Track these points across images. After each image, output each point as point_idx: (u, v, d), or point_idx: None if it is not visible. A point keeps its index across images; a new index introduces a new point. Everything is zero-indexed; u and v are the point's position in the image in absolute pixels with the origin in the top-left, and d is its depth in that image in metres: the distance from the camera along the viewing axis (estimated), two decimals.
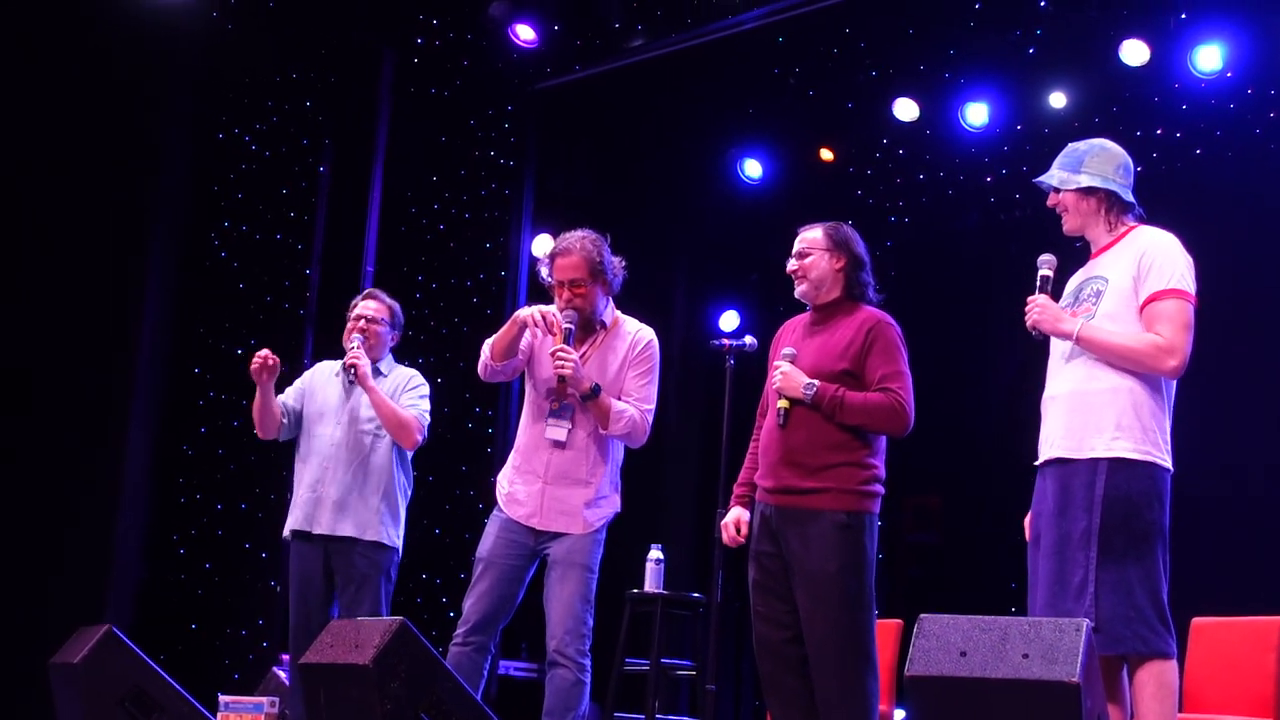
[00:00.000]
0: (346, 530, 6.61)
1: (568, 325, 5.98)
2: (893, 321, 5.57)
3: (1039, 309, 5.01)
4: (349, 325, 6.83)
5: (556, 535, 6.03)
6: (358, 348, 6.67)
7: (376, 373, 6.75)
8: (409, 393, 6.79)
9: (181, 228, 9.50)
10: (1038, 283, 5.05)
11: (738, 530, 5.72)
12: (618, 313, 6.24)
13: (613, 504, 6.13)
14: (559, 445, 6.08)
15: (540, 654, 6.41)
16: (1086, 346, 4.89)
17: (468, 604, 6.02)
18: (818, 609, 5.32)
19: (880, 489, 5.51)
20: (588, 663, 5.93)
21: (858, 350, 5.47)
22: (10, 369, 9.03)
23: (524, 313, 6.01)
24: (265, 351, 6.61)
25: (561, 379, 5.88)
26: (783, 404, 5.49)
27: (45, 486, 8.94)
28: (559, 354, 5.88)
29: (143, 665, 6.15)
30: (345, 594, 6.59)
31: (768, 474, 5.55)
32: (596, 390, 5.97)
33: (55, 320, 9.07)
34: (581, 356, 6.03)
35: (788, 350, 5.59)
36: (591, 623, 5.99)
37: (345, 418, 6.75)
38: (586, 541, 6.02)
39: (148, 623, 8.87)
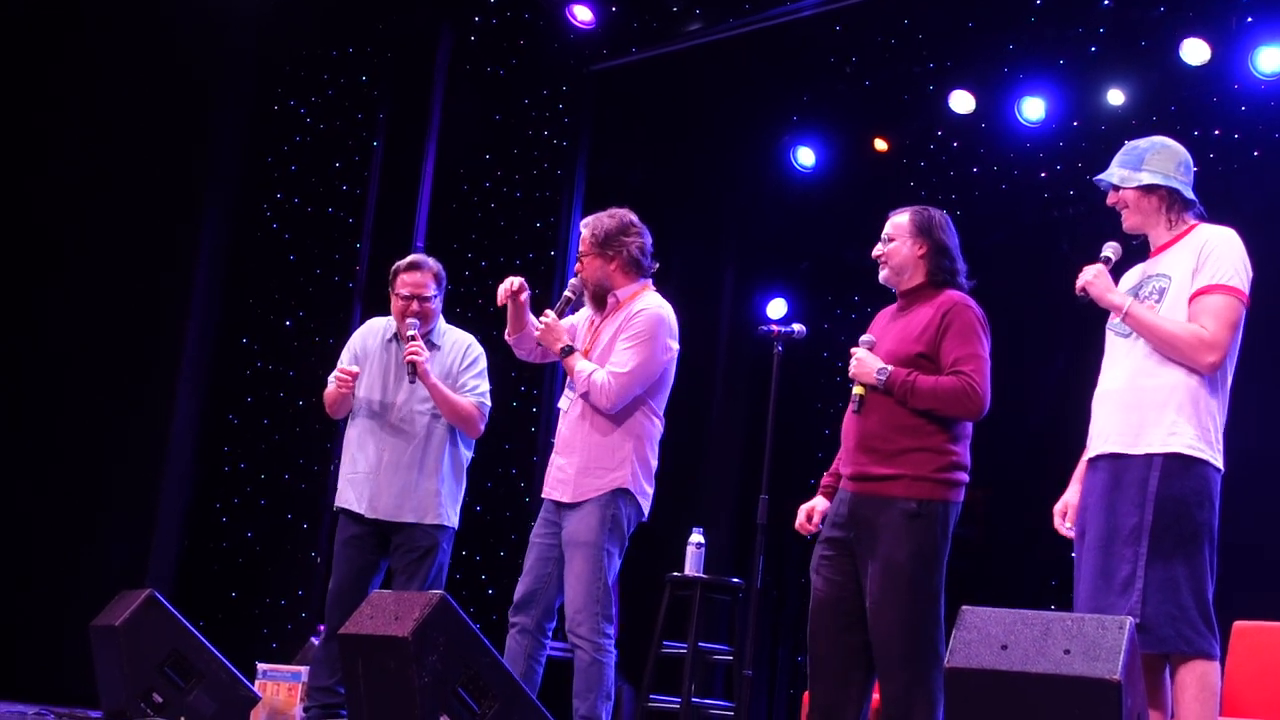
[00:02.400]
0: (406, 518, 6.60)
1: (567, 294, 6.16)
2: (973, 304, 5.50)
3: (1094, 273, 4.96)
4: (397, 303, 6.74)
5: (570, 508, 5.99)
6: (415, 337, 6.56)
7: (431, 345, 6.70)
8: (466, 372, 6.74)
9: (234, 199, 9.55)
10: (1099, 262, 5.02)
11: (809, 519, 5.69)
12: (642, 291, 6.21)
13: (619, 479, 5.98)
14: (566, 415, 6.15)
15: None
16: (1132, 324, 4.85)
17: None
18: (885, 599, 5.25)
19: (961, 475, 5.43)
20: (606, 642, 5.92)
21: (933, 333, 5.41)
22: (62, 336, 9.10)
23: (503, 285, 6.18)
24: (344, 373, 6.64)
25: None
26: (858, 390, 5.45)
27: (91, 452, 9.01)
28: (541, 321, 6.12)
29: (183, 630, 6.19)
30: (400, 575, 6.59)
31: (847, 461, 5.51)
32: (566, 351, 6.04)
33: (107, 288, 9.13)
34: (596, 329, 6.14)
35: (866, 337, 5.53)
36: (610, 601, 5.96)
37: (403, 398, 6.69)
38: (592, 519, 5.93)
39: (189, 589, 8.93)
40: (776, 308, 11.33)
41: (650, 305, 6.12)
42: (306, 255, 9.63)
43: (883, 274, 5.63)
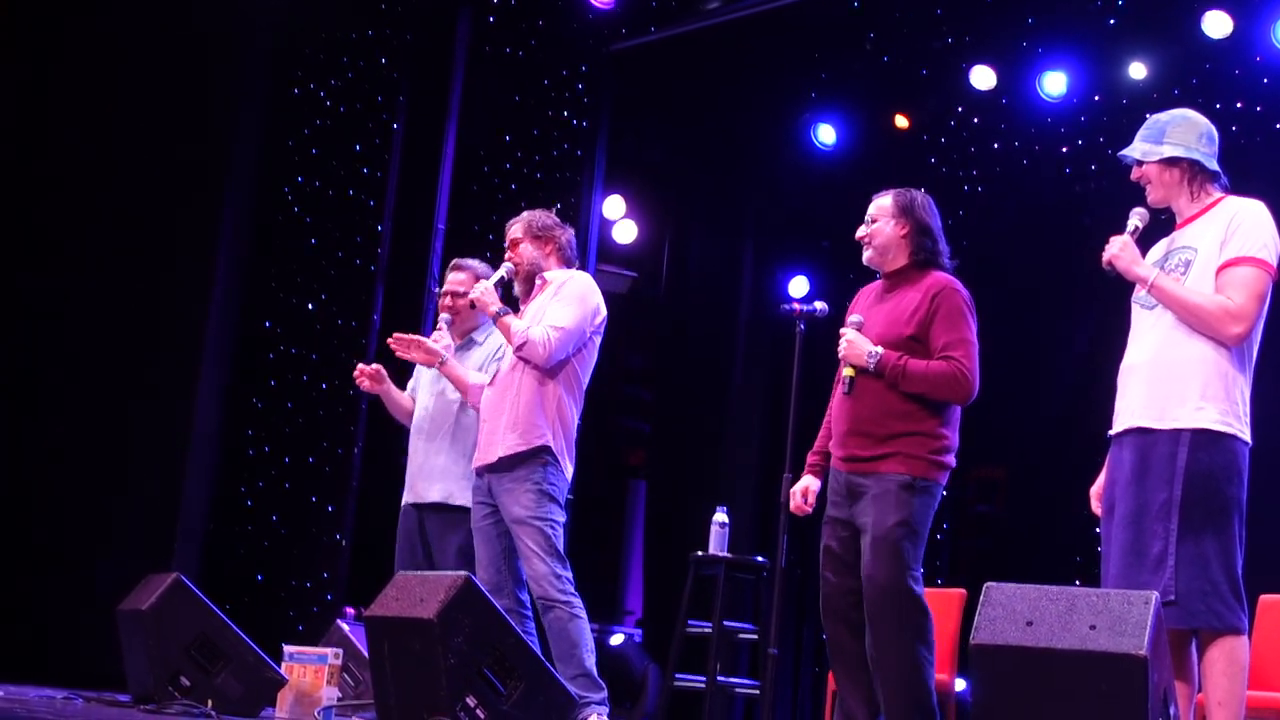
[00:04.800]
0: (434, 496, 6.69)
1: (501, 273, 6.47)
2: (960, 287, 5.56)
3: (1120, 245, 4.95)
4: (441, 302, 6.97)
5: (500, 481, 6.15)
6: (442, 329, 6.75)
7: (472, 342, 6.87)
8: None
9: (255, 183, 9.55)
10: (1127, 230, 5.00)
11: (805, 499, 5.77)
12: (568, 271, 6.47)
13: (542, 437, 6.14)
14: (490, 384, 6.38)
15: (600, 614, 6.44)
16: (1158, 296, 4.84)
17: None
18: (876, 563, 5.35)
19: (950, 460, 5.52)
20: (574, 598, 6.02)
21: (923, 316, 5.48)
22: (85, 322, 9.12)
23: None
24: (358, 371, 6.89)
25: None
26: (848, 372, 5.53)
27: (115, 438, 9.03)
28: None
29: (209, 614, 6.21)
30: (439, 557, 6.68)
31: (838, 443, 5.59)
32: (501, 313, 6.24)
33: (129, 274, 9.15)
34: (525, 304, 6.46)
35: (854, 318, 5.62)
36: (563, 559, 6.07)
37: (437, 388, 6.84)
38: (525, 496, 6.09)
39: (214, 573, 8.96)
40: (798, 286, 11.32)
41: (578, 275, 6.43)
42: (328, 238, 9.64)
43: (866, 255, 5.72)
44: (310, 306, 9.50)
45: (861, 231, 5.70)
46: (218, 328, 9.26)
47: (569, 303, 6.23)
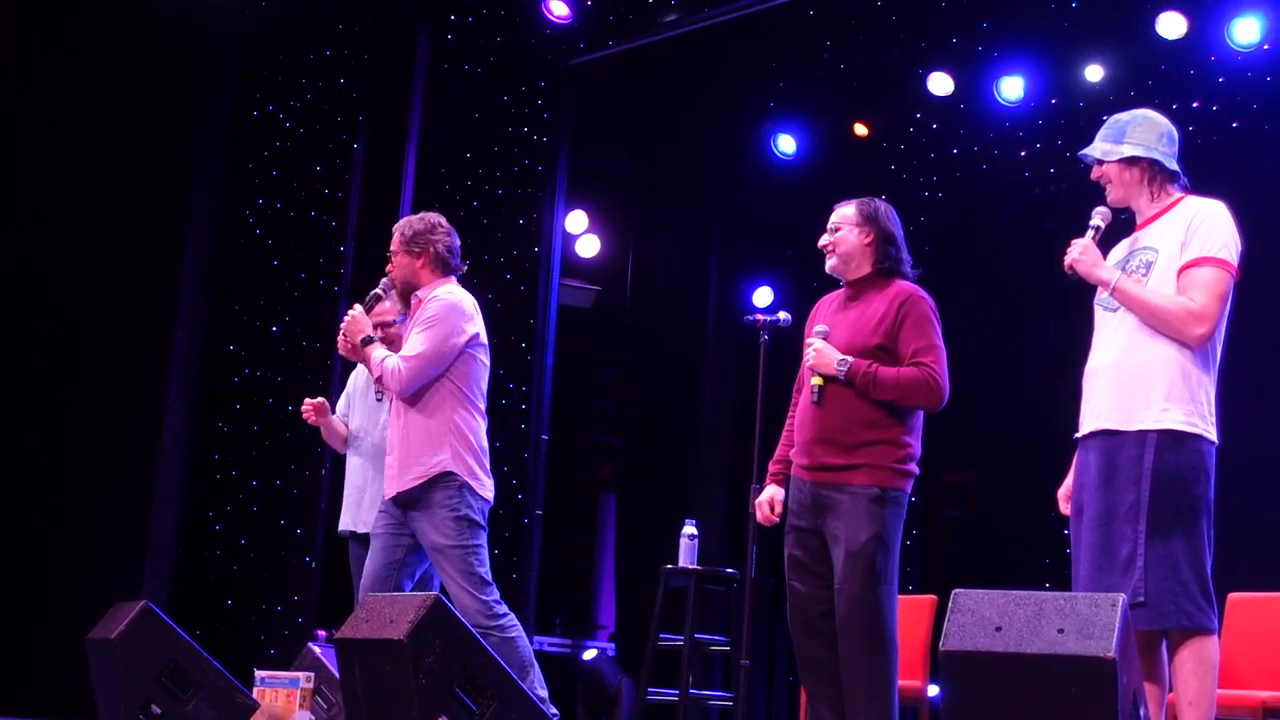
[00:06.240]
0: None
1: (377, 290, 6.34)
2: (925, 295, 5.58)
3: (1081, 249, 4.96)
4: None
5: (413, 509, 6.06)
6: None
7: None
8: None
9: (217, 205, 9.54)
10: (1089, 232, 5.02)
11: (771, 509, 5.76)
12: (445, 286, 6.26)
13: (441, 463, 6.03)
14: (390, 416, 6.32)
15: (572, 629, 6.43)
16: (1119, 299, 4.85)
17: None
18: (849, 577, 5.36)
19: (915, 469, 5.53)
20: (506, 618, 5.96)
21: (890, 325, 5.49)
22: (49, 349, 9.09)
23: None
24: (305, 406, 6.97)
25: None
26: (816, 381, 5.52)
27: (82, 464, 9.01)
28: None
29: (179, 641, 6.19)
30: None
31: (803, 452, 5.57)
32: (366, 341, 6.17)
33: (91, 299, 9.13)
34: (408, 324, 6.29)
35: (820, 327, 5.61)
36: (488, 583, 6.00)
37: (379, 418, 6.87)
38: (443, 525, 5.99)
39: (184, 599, 8.93)
40: (763, 296, 11.33)
41: (442, 294, 6.19)
42: (291, 260, 9.62)
43: (830, 264, 5.71)
44: (274, 329, 9.49)
45: (824, 240, 5.70)
46: (182, 352, 9.24)
47: (424, 326, 6.09)
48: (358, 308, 6.27)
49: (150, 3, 9.23)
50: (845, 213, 5.70)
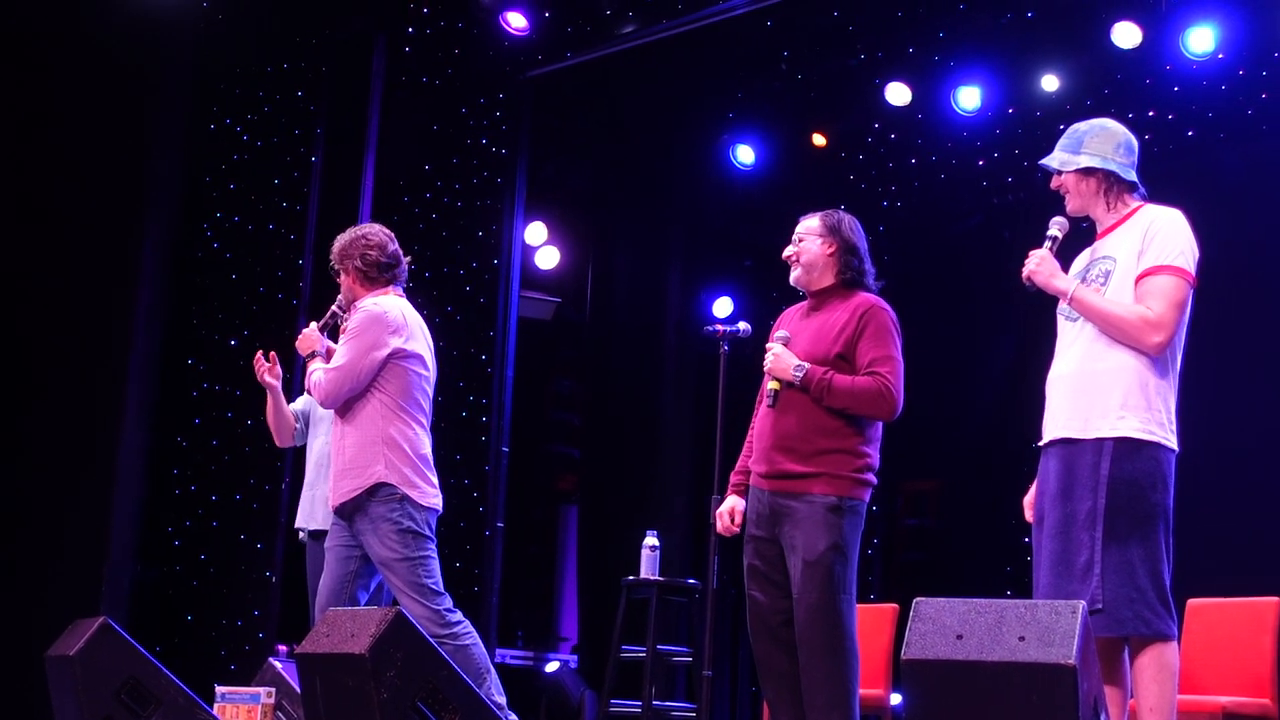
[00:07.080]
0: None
1: (334, 308, 6.32)
2: (886, 307, 5.60)
3: (1038, 260, 4.98)
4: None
5: (357, 523, 6.03)
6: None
7: None
8: None
9: (174, 219, 9.49)
10: (1046, 243, 5.04)
11: (732, 519, 5.77)
12: (372, 298, 6.22)
13: (375, 474, 5.99)
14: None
15: (534, 642, 6.42)
16: (1078, 309, 4.87)
17: None
18: (807, 586, 5.38)
19: (872, 478, 5.55)
20: (459, 625, 5.94)
21: (850, 334, 5.51)
22: (2, 362, 9.02)
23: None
24: (259, 355, 6.81)
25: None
26: (773, 385, 5.55)
27: (39, 480, 8.94)
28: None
29: (139, 657, 6.14)
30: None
31: (761, 459, 5.59)
32: (310, 357, 6.22)
33: (47, 313, 9.07)
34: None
35: (781, 333, 5.65)
36: (437, 592, 5.97)
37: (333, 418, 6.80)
38: (384, 537, 5.96)
39: (143, 615, 8.88)
40: (723, 306, 11.36)
41: (367, 305, 6.16)
42: (249, 273, 9.59)
43: (794, 275, 5.74)
44: (233, 342, 9.44)
45: (788, 251, 5.73)
46: (140, 367, 9.19)
47: (346, 339, 6.10)
48: (312, 326, 6.28)
49: (104, 15, 9.17)
50: (809, 224, 5.73)
